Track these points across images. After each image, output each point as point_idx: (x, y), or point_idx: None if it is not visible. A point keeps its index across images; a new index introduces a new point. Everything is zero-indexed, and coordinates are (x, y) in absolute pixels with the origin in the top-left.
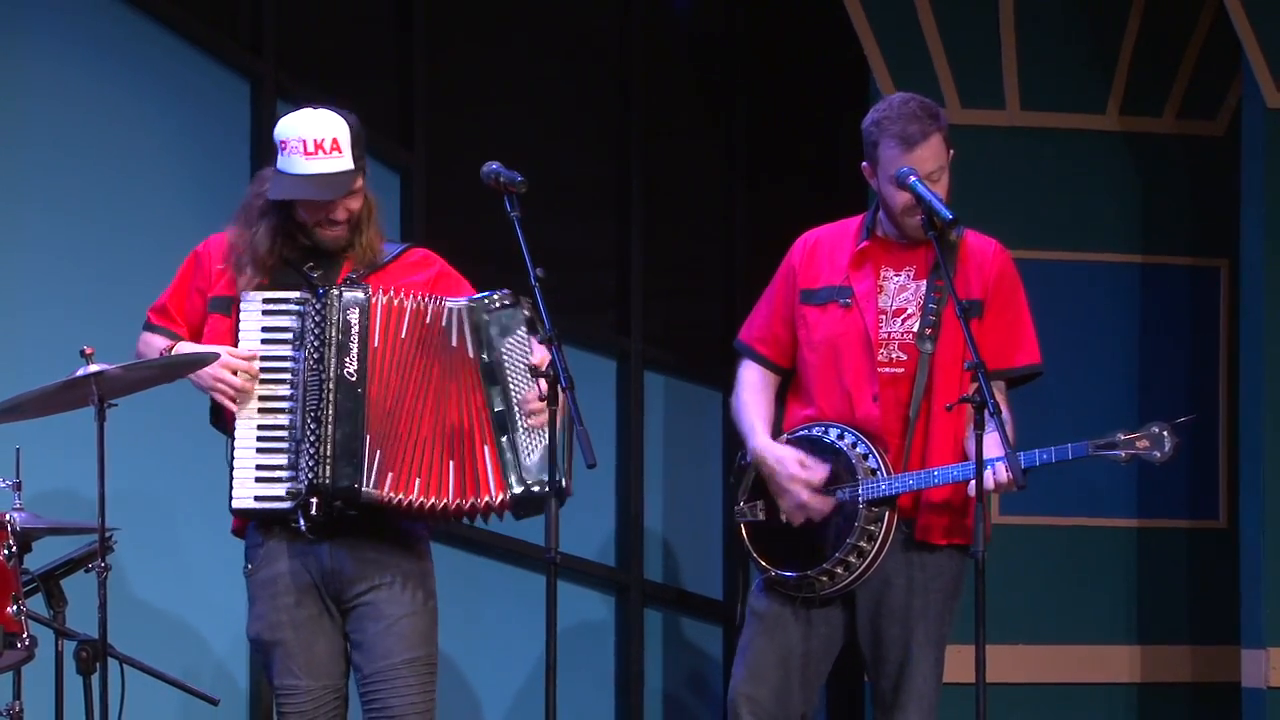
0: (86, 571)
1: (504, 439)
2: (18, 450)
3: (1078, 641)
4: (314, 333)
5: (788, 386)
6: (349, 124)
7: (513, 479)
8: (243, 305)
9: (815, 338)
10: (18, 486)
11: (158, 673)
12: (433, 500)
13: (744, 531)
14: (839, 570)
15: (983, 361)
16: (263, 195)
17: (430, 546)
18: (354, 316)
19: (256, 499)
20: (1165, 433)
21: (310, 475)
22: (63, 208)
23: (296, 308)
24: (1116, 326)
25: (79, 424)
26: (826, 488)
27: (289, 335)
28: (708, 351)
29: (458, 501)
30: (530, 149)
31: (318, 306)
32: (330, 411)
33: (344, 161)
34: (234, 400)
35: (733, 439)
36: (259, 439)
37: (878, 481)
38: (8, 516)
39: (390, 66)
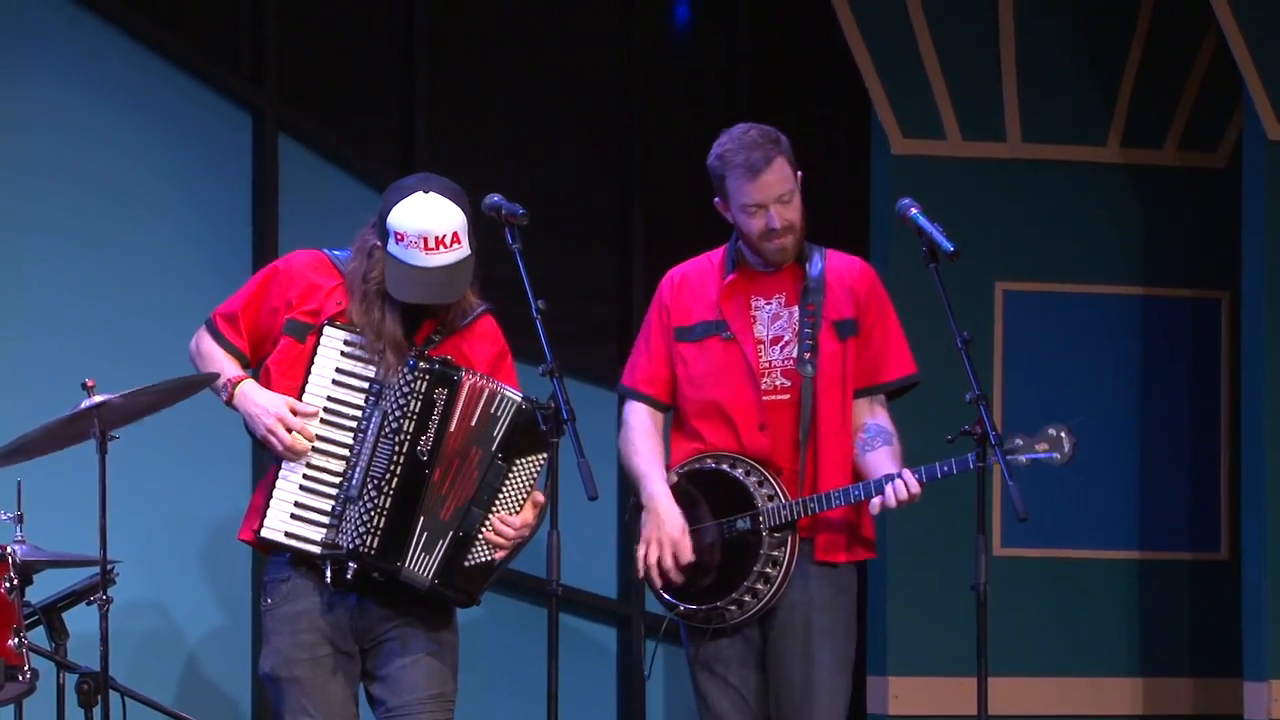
0: (88, 604)
1: (462, 533)
2: (19, 483)
3: (1079, 674)
4: (395, 398)
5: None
6: (464, 210)
7: (432, 569)
8: (323, 340)
9: (695, 373)
10: (19, 519)
11: (160, 706)
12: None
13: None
14: (747, 598)
15: (983, 393)
16: (378, 281)
17: None
18: (441, 396)
19: (288, 535)
20: (1063, 434)
21: (357, 541)
22: (63, 238)
23: (379, 359)
24: (1118, 358)
25: (81, 454)
26: (722, 521)
27: (364, 385)
28: None
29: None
30: (532, 178)
31: (408, 377)
32: (393, 484)
33: (463, 250)
34: (289, 453)
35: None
36: (306, 476)
37: (777, 507)
38: (9, 549)
39: (392, 97)
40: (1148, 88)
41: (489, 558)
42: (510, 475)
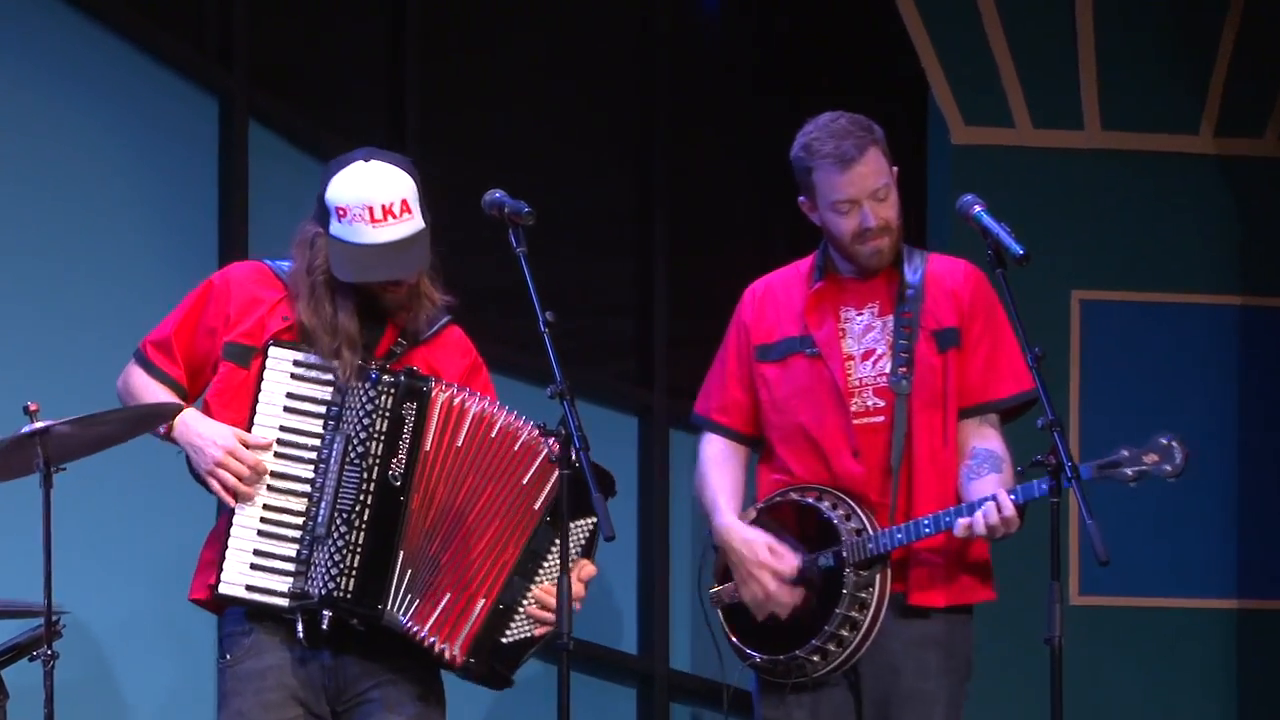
0: (30, 660)
1: (503, 606)
2: None
3: None
4: (358, 419)
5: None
6: (413, 176)
7: (476, 645)
8: (269, 362)
9: (779, 396)
10: None
11: None
12: (433, 639)
13: (720, 616)
14: (831, 647)
15: (1056, 417)
16: (323, 270)
17: None
18: (410, 411)
19: (249, 588)
20: (1174, 444)
21: (330, 585)
22: (6, 242)
23: (334, 379)
24: (1211, 377)
25: (23, 487)
26: (807, 557)
27: (320, 410)
28: None
29: (430, 636)
30: (540, 175)
31: (370, 391)
32: (365, 516)
33: (415, 222)
34: (233, 493)
35: None
36: (264, 520)
37: (862, 541)
38: None
39: (379, 79)
40: (1246, 68)
41: (529, 634)
42: (557, 546)
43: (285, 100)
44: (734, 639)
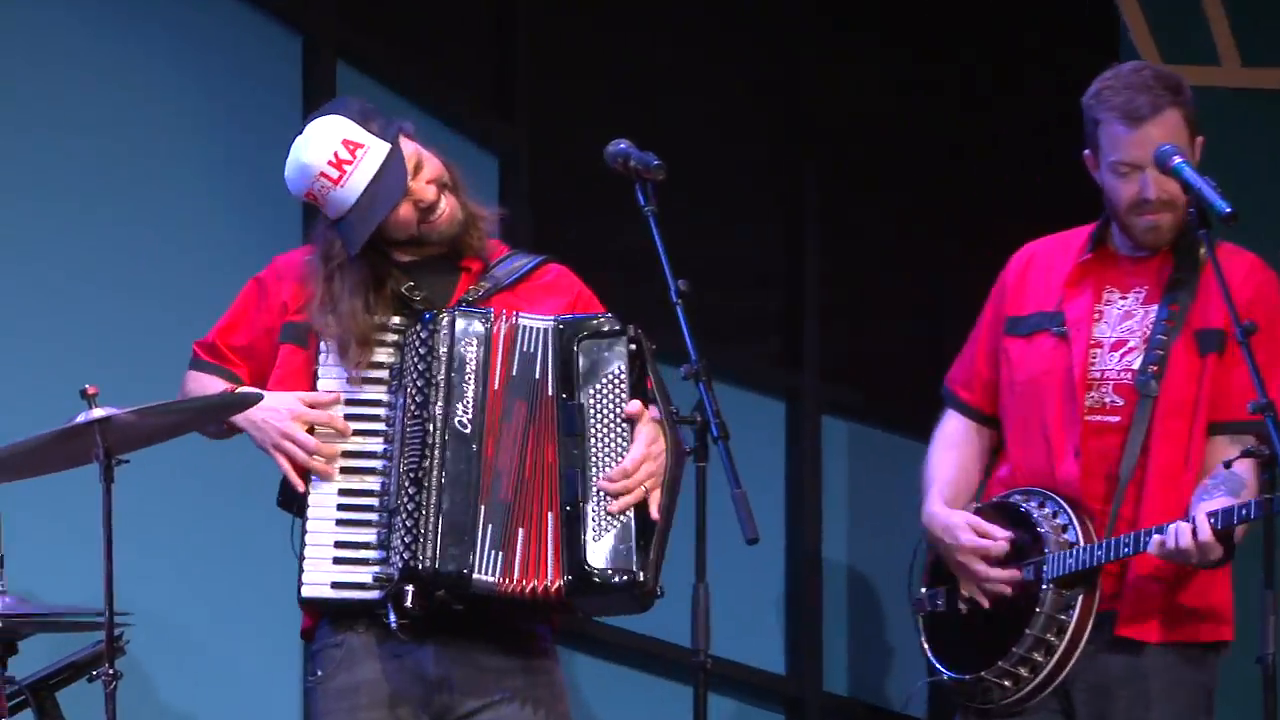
0: (90, 680)
1: (569, 507)
2: None
3: None
4: (417, 369)
5: None
6: (347, 114)
7: (566, 560)
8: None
9: (1017, 377)
10: None
11: None
12: (530, 584)
13: (920, 625)
14: (1022, 671)
15: (1271, 401)
16: (339, 258)
17: (556, 648)
18: (471, 350)
19: (334, 585)
20: None
21: (406, 556)
22: (59, 204)
23: (394, 337)
24: None
25: (79, 483)
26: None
27: (384, 373)
28: (905, 390)
29: (521, 583)
30: (670, 127)
31: (423, 336)
32: (436, 474)
33: (373, 150)
34: (303, 470)
35: None
36: (340, 508)
37: (1064, 555)
38: None
39: (485, 14)
40: None
41: (616, 523)
42: (593, 413)
43: (377, 39)
44: (929, 651)
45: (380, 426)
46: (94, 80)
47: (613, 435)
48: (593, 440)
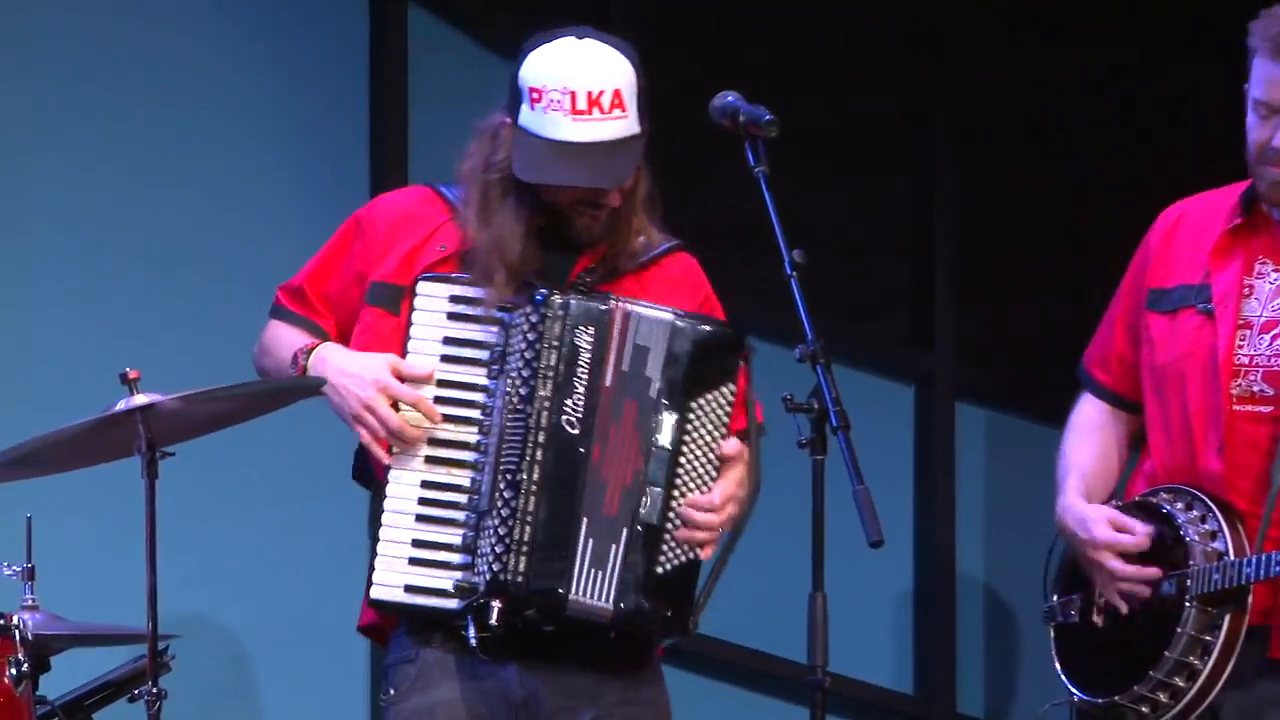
0: (131, 700)
1: (640, 527)
2: (28, 519)
3: None
4: (523, 356)
5: None
6: (635, 67)
7: (612, 590)
8: (419, 301)
9: (1158, 359)
10: (30, 573)
11: None
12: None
13: (1051, 637)
14: (1161, 697)
15: None
16: (503, 168)
17: (661, 666)
18: (585, 339)
19: (408, 589)
20: None
21: (496, 566)
22: (97, 171)
23: (500, 315)
24: None
25: (116, 480)
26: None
27: (484, 354)
28: (1050, 375)
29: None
30: (782, 79)
31: (533, 319)
32: (536, 476)
33: (628, 123)
34: (387, 443)
35: None
36: (422, 501)
37: (1212, 568)
38: (15, 619)
39: None
40: None
41: (688, 556)
42: (690, 430)
43: None
44: (1059, 669)
45: (475, 415)
46: (133, 37)
47: (704, 461)
48: (684, 459)
